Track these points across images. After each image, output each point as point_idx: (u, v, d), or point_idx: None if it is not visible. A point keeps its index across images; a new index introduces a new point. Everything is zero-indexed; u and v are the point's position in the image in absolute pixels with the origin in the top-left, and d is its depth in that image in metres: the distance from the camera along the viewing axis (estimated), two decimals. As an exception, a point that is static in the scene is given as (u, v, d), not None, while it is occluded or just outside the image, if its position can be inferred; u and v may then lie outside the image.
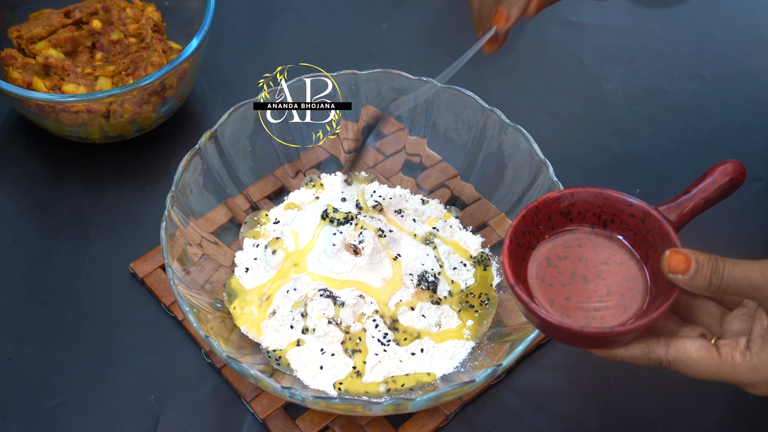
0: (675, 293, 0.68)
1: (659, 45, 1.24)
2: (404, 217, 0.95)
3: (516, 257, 0.72)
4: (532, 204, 0.74)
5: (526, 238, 0.74)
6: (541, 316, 0.69)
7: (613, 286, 0.72)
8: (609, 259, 0.73)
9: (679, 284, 0.67)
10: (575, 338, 0.69)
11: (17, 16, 1.11)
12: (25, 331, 0.95)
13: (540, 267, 0.73)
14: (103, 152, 1.09)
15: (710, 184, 0.72)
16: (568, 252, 0.74)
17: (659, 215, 0.72)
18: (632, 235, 0.74)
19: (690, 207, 0.72)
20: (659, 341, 0.69)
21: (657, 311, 0.67)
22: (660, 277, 0.70)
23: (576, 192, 0.74)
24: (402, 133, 1.04)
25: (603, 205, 0.74)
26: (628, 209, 0.73)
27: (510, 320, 0.91)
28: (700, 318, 0.72)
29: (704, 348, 0.68)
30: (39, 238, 1.02)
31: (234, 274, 0.94)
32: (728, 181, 0.72)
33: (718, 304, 0.72)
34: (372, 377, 0.86)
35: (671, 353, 0.68)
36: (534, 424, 0.89)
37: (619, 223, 0.74)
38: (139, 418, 0.89)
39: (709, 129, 1.14)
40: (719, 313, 0.72)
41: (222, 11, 1.22)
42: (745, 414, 0.90)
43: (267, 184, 1.02)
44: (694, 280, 0.66)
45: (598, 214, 0.74)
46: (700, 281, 0.66)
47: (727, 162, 0.72)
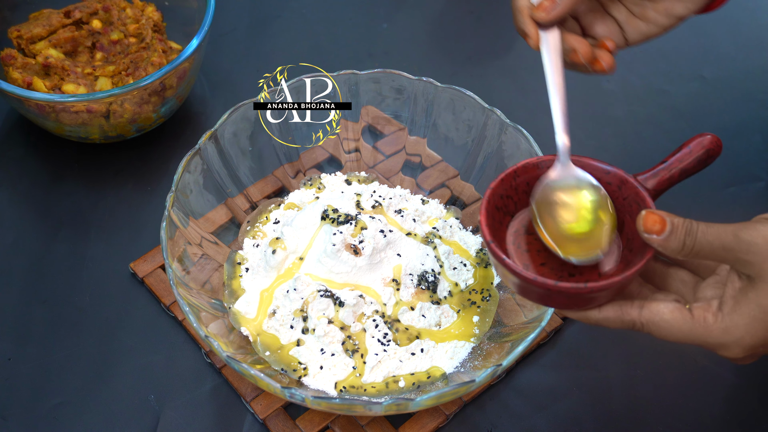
0: (649, 253, 0.68)
1: (659, 45, 1.24)
2: (404, 217, 0.95)
3: (493, 219, 0.73)
4: (512, 168, 0.74)
5: (504, 202, 0.74)
6: (517, 271, 0.69)
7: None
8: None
9: (654, 245, 0.68)
10: (549, 296, 0.70)
11: (17, 16, 1.11)
12: (25, 331, 0.95)
13: (516, 234, 0.74)
14: (103, 152, 1.09)
15: (687, 155, 0.73)
16: None
17: (636, 182, 0.72)
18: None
19: (667, 176, 0.73)
20: (633, 304, 0.69)
21: (631, 270, 0.68)
22: (635, 242, 0.71)
23: (554, 159, 0.74)
24: (402, 133, 1.04)
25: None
26: (605, 176, 0.74)
27: (510, 320, 0.91)
28: (674, 286, 0.73)
29: (677, 310, 0.68)
30: (39, 238, 1.02)
31: (234, 273, 0.94)
32: (705, 152, 0.73)
33: (691, 273, 0.73)
34: (372, 377, 0.86)
35: (644, 315, 0.69)
36: (534, 424, 0.89)
37: None
38: (139, 418, 0.89)
39: (709, 129, 1.13)
40: (693, 281, 0.72)
41: (222, 11, 1.22)
42: (745, 414, 0.90)
43: (267, 184, 1.02)
44: (669, 241, 0.67)
45: None
46: (674, 242, 0.67)
47: (705, 134, 0.74)
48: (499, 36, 1.25)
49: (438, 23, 1.28)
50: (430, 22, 1.28)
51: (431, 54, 1.24)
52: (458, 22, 1.26)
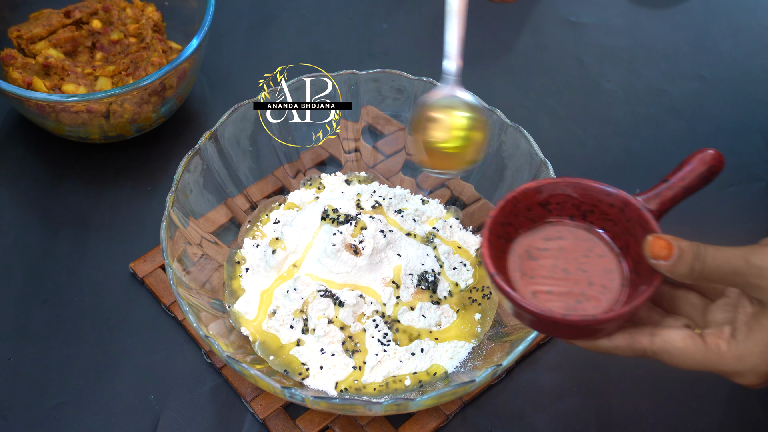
0: (657, 280, 0.67)
1: (659, 45, 1.24)
2: (404, 217, 0.95)
3: (495, 248, 0.72)
4: (510, 195, 0.73)
5: (505, 230, 0.73)
6: (523, 305, 0.68)
7: (594, 278, 0.71)
8: (589, 251, 0.73)
9: (662, 270, 0.67)
10: (558, 328, 0.68)
11: (17, 16, 1.11)
12: (25, 331, 0.95)
13: (520, 260, 0.73)
14: (103, 152, 1.09)
15: (689, 172, 0.72)
16: (548, 244, 0.73)
17: (639, 204, 0.71)
18: (612, 225, 0.73)
19: (670, 195, 0.72)
20: (643, 331, 0.68)
21: (640, 298, 0.67)
22: (641, 266, 0.70)
23: (554, 183, 0.74)
24: (402, 133, 1.04)
25: (582, 196, 0.73)
26: (606, 199, 0.73)
27: (510, 320, 0.91)
28: (683, 309, 0.71)
29: (689, 337, 0.67)
30: (39, 238, 1.02)
31: (234, 273, 0.94)
32: (707, 168, 0.72)
33: (700, 295, 0.71)
34: (372, 377, 0.86)
35: (656, 343, 0.67)
36: (534, 424, 0.89)
37: (598, 213, 0.73)
38: (139, 418, 0.89)
39: (709, 129, 1.14)
40: (702, 304, 0.71)
41: (222, 11, 1.22)
42: (746, 415, 0.90)
43: (267, 184, 1.02)
44: (677, 266, 0.66)
45: (578, 205, 0.74)
46: (682, 267, 0.66)
47: (705, 150, 0.72)
48: (499, 36, 1.25)
49: (438, 23, 1.28)
50: (430, 22, 1.28)
51: (431, 54, 1.23)
52: (458, 22, 1.26)
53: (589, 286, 0.71)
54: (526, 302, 0.68)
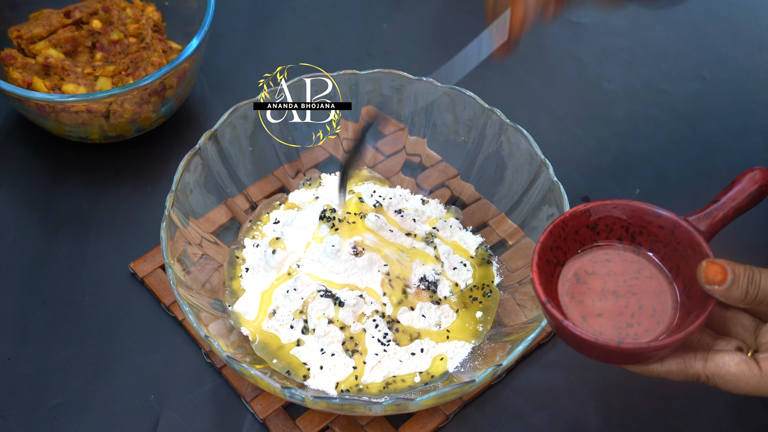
0: (711, 305, 0.67)
1: (659, 45, 1.24)
2: (404, 217, 0.95)
3: (545, 273, 0.71)
4: (559, 218, 0.73)
5: (554, 254, 0.73)
6: (576, 333, 0.68)
7: (644, 301, 0.71)
8: (638, 273, 0.73)
9: (716, 295, 0.66)
10: (610, 355, 0.68)
11: (17, 16, 1.11)
12: (25, 331, 0.95)
13: (570, 284, 0.72)
14: (103, 152, 1.09)
15: (739, 192, 0.71)
16: (596, 267, 0.73)
17: (689, 226, 0.71)
18: (662, 246, 0.73)
19: (720, 216, 0.71)
20: (696, 356, 0.68)
21: (693, 324, 0.66)
22: (693, 289, 0.70)
23: (603, 205, 0.73)
24: (402, 133, 1.04)
25: (631, 218, 0.73)
26: (656, 221, 0.72)
27: (510, 320, 0.91)
28: (734, 331, 0.71)
29: (744, 362, 0.67)
30: (39, 238, 1.02)
31: (234, 273, 0.94)
32: (757, 188, 0.71)
33: (751, 317, 0.71)
34: (372, 377, 0.86)
35: (710, 368, 0.67)
36: (534, 424, 0.89)
37: (647, 235, 0.73)
38: (139, 418, 0.89)
39: (709, 129, 1.14)
40: (753, 325, 0.71)
41: (222, 11, 1.22)
42: (746, 415, 0.89)
43: (267, 184, 1.02)
44: (731, 291, 0.66)
45: (626, 227, 0.73)
46: (737, 292, 0.66)
47: (755, 169, 0.72)
48: (499, 36, 1.25)
49: (438, 23, 1.28)
50: (430, 22, 1.28)
51: (431, 54, 1.24)
52: (458, 22, 1.26)
53: (639, 309, 0.71)
54: (579, 330, 0.68)
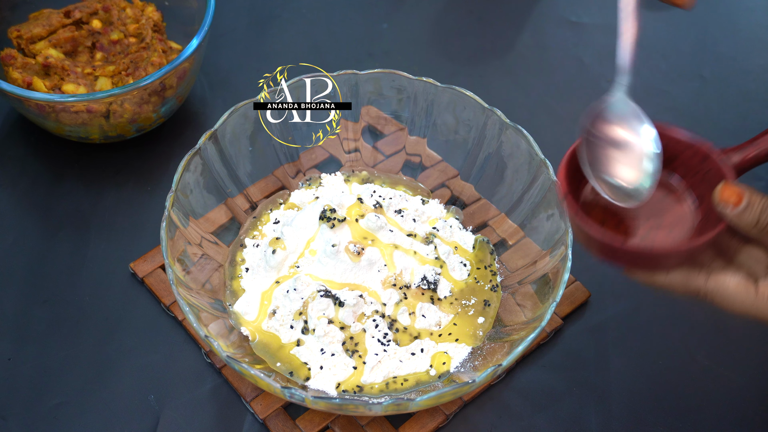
0: (720, 225, 0.68)
1: (659, 45, 1.24)
2: (404, 217, 0.95)
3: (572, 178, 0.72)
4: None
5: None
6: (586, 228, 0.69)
7: (664, 222, 0.73)
8: (665, 196, 0.74)
9: (728, 217, 0.68)
10: (616, 254, 0.70)
11: (17, 16, 1.11)
12: (25, 331, 0.95)
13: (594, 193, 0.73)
14: (103, 152, 1.10)
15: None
16: None
17: (720, 156, 0.72)
18: (692, 174, 0.74)
19: (753, 154, 0.72)
20: (700, 272, 0.70)
21: (700, 240, 0.68)
22: (711, 215, 0.71)
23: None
24: (402, 133, 1.04)
25: (666, 144, 0.74)
26: (689, 149, 0.73)
27: (510, 320, 0.91)
28: (747, 263, 0.73)
29: (742, 283, 0.69)
30: (39, 238, 1.02)
31: (235, 273, 0.94)
32: None
33: (766, 251, 0.72)
34: (372, 377, 0.86)
35: (710, 284, 0.70)
36: (534, 424, 0.89)
37: (679, 162, 0.74)
38: (139, 418, 0.89)
39: (709, 129, 1.14)
40: (766, 259, 0.72)
41: (222, 11, 1.23)
42: (747, 415, 0.90)
43: (267, 184, 1.02)
44: (743, 215, 0.67)
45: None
46: (749, 217, 0.67)
47: None
48: (499, 36, 1.25)
49: (438, 23, 1.28)
50: (430, 22, 1.28)
51: (431, 54, 1.24)
52: (458, 22, 1.26)
53: (658, 227, 0.73)
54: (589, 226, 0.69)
